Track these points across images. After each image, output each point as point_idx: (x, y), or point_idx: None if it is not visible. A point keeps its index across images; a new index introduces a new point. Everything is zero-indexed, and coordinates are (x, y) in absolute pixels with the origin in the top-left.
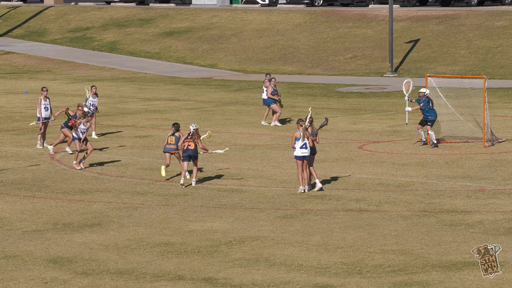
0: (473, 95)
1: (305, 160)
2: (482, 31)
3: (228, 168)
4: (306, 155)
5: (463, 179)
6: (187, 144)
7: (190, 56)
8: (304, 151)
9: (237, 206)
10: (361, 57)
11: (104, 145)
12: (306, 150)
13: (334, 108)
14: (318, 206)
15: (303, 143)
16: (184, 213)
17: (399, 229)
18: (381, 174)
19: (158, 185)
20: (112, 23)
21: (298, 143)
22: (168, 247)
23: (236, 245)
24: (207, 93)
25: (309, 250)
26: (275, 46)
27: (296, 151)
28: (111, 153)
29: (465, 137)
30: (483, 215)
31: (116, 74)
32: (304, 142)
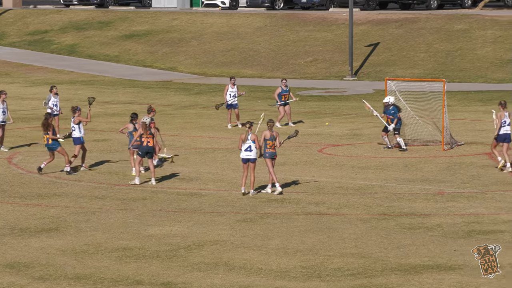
0: (433, 98)
1: (249, 162)
2: (442, 35)
3: (188, 172)
4: (250, 158)
5: (422, 182)
6: (146, 140)
7: (150, 59)
8: (249, 153)
9: (197, 210)
10: (321, 61)
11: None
12: (251, 153)
13: (294, 111)
14: (277, 210)
15: (248, 145)
16: (143, 218)
17: (358, 233)
18: (341, 177)
19: (116, 189)
20: (71, 26)
21: (244, 146)
22: (126, 252)
23: (195, 249)
24: (167, 97)
25: (269, 254)
26: (236, 50)
27: (241, 154)
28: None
29: (424, 140)
30: (442, 218)
31: (75, 77)
32: (249, 145)
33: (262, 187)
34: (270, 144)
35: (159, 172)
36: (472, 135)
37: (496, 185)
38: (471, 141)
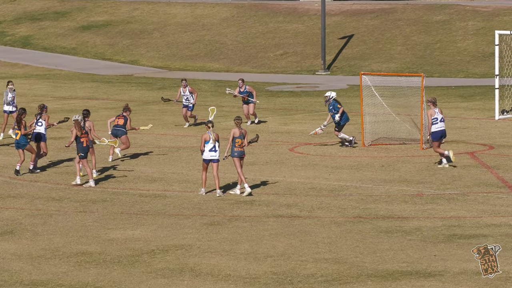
0: (410, 94)
1: (212, 163)
2: (420, 26)
3: (151, 172)
4: (214, 159)
5: (400, 183)
6: (84, 140)
7: (109, 51)
8: (213, 154)
9: (160, 212)
10: (292, 54)
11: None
12: (215, 153)
13: (264, 107)
14: (247, 212)
15: (212, 146)
16: (103, 221)
17: (333, 236)
18: (314, 178)
19: (74, 190)
20: (25, 17)
21: (207, 146)
22: (86, 257)
23: (159, 254)
24: (128, 92)
25: (237, 259)
26: (201, 42)
27: (204, 154)
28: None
29: (401, 138)
30: (421, 222)
31: (30, 71)
32: (213, 145)
33: (230, 188)
34: (239, 143)
35: (118, 173)
36: (452, 133)
37: (479, 187)
38: (452, 140)
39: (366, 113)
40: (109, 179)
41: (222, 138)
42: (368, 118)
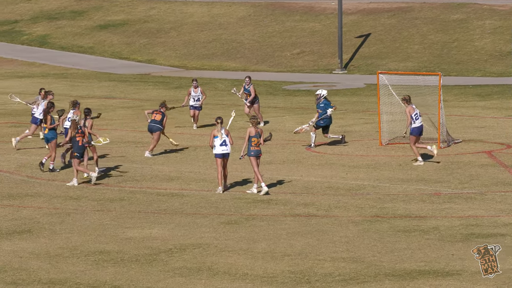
0: (428, 93)
1: (224, 158)
2: (437, 25)
3: (168, 171)
4: (226, 153)
5: (418, 182)
6: (80, 139)
7: (126, 51)
8: (224, 148)
9: (178, 211)
10: (308, 53)
11: (34, 146)
12: (226, 147)
13: (281, 107)
14: (264, 211)
15: (223, 140)
16: (121, 219)
17: (350, 236)
18: (331, 177)
19: (92, 189)
20: (42, 16)
21: (217, 141)
22: (103, 256)
23: (177, 253)
24: (145, 91)
25: (255, 258)
26: (218, 41)
27: (215, 149)
28: (42, 155)
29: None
30: (439, 221)
31: (47, 70)
32: (224, 140)
33: (247, 187)
34: (255, 142)
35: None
36: (470, 132)
37: (496, 186)
38: (469, 139)
39: (383, 112)
40: (126, 178)
41: (238, 137)
42: (385, 117)
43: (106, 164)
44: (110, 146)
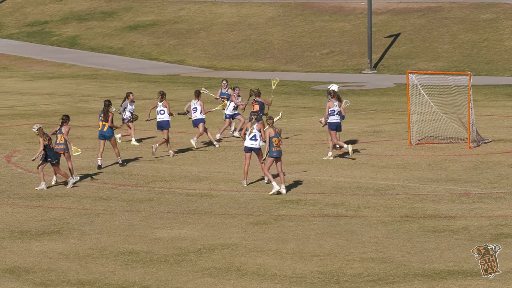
0: (457, 93)
1: (253, 152)
2: (467, 25)
3: (197, 171)
4: (254, 148)
5: (447, 182)
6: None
7: (156, 51)
8: (254, 142)
9: (207, 211)
10: (338, 53)
11: None
12: (256, 142)
13: (310, 107)
14: (293, 212)
15: (253, 134)
16: (150, 220)
17: (379, 236)
18: (360, 177)
19: (121, 189)
20: (72, 17)
21: (248, 135)
22: (132, 256)
23: (206, 253)
24: (175, 91)
25: (284, 258)
26: (247, 41)
27: (245, 142)
28: (71, 156)
29: (449, 137)
30: (468, 221)
31: (77, 71)
32: (254, 134)
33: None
34: (276, 142)
35: (158, 174)
36: (500, 132)
37: None
38: (499, 139)
39: (413, 112)
40: (156, 178)
41: None
42: (415, 117)
43: (134, 164)
44: (141, 147)
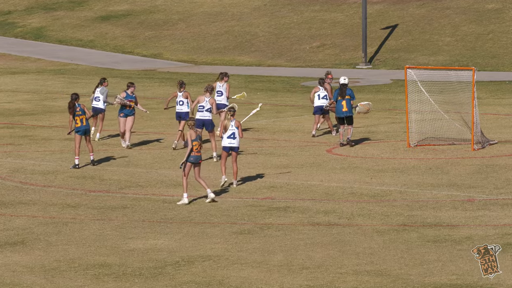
0: (460, 90)
1: (232, 151)
2: (471, 15)
3: (175, 176)
4: (234, 146)
5: (449, 187)
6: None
7: (130, 44)
8: (232, 141)
9: (186, 220)
10: (330, 46)
11: (28, 149)
12: (234, 140)
13: (299, 105)
14: (280, 220)
15: (231, 132)
16: (123, 229)
17: (375, 247)
18: (354, 182)
19: (91, 196)
20: (38, 6)
21: (226, 133)
22: (104, 269)
23: (185, 266)
24: (151, 88)
25: (270, 271)
26: (230, 33)
27: (223, 141)
28: (37, 159)
29: (451, 138)
30: (472, 230)
31: (43, 65)
32: (232, 132)
33: (259, 193)
34: (197, 146)
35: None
36: (506, 132)
37: None
38: (506, 140)
39: (412, 111)
40: (130, 183)
41: None
42: (414, 116)
43: (105, 167)
44: (113, 149)
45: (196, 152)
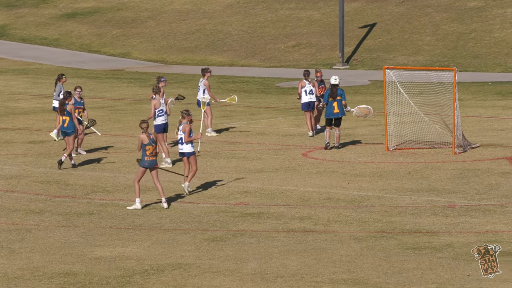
0: (441, 91)
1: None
2: (452, 14)
3: (144, 180)
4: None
5: (429, 193)
6: None
7: (97, 43)
8: (180, 146)
9: (155, 227)
10: (305, 45)
11: None
12: (183, 146)
13: (273, 107)
14: (254, 226)
15: (180, 137)
16: (89, 236)
17: (352, 254)
18: (330, 187)
19: (56, 201)
20: (0, 3)
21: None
22: (69, 278)
23: (154, 274)
24: (118, 89)
25: (243, 280)
26: (202, 32)
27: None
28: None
29: (431, 142)
30: (453, 237)
31: (5, 65)
32: (181, 137)
33: (231, 199)
34: (150, 150)
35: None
36: (489, 135)
37: None
38: (488, 143)
39: (391, 113)
40: (96, 189)
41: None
42: (393, 119)
43: (71, 172)
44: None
45: (150, 157)
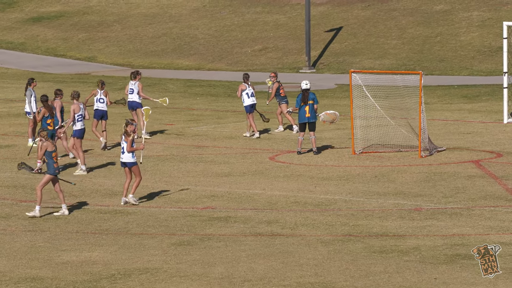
0: (407, 95)
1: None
2: (418, 17)
3: (111, 185)
4: (124, 162)
5: (395, 196)
6: None
7: (63, 47)
8: (121, 156)
9: (122, 231)
10: (272, 49)
11: None
12: (123, 155)
13: (240, 111)
14: (221, 230)
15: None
16: (56, 241)
17: (319, 258)
18: (297, 190)
19: (23, 206)
20: None
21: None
22: (36, 283)
23: (121, 279)
24: (84, 93)
25: (210, 284)
26: (168, 36)
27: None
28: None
29: (397, 145)
30: (420, 240)
31: None
32: (122, 147)
33: (194, 203)
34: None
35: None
36: (455, 139)
37: (485, 200)
38: (454, 146)
39: (357, 117)
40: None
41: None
42: (359, 122)
43: (37, 176)
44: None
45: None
